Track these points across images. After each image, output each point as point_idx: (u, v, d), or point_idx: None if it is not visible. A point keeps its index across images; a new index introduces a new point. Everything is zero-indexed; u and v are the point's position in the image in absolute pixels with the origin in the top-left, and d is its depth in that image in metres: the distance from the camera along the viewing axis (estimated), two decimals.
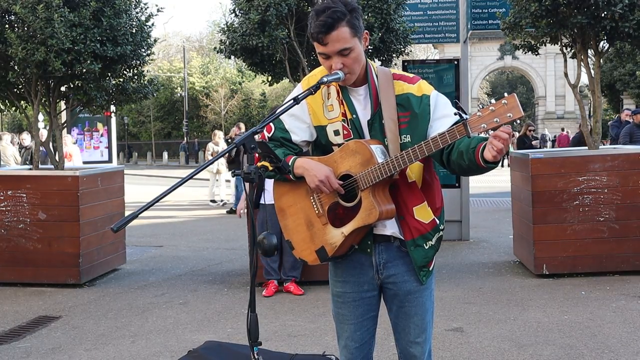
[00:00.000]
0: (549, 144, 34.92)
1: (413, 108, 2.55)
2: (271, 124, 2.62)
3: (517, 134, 16.14)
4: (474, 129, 2.21)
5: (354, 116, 2.57)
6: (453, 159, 2.44)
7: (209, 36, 57.95)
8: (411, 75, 2.65)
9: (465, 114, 2.21)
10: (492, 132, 2.23)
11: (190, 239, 10.67)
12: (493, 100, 2.19)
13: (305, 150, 2.73)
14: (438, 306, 5.68)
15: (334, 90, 2.59)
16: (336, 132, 2.59)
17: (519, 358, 4.59)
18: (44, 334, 5.51)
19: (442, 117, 2.52)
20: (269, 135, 2.64)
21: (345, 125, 2.57)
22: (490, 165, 2.29)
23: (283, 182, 2.66)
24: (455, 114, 2.24)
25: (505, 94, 2.20)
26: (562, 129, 35.24)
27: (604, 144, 15.36)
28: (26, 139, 14.41)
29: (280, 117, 2.57)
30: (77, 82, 7.55)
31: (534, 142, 15.18)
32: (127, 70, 7.85)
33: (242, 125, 15.04)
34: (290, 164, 2.56)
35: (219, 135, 15.53)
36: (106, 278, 7.67)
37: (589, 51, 7.66)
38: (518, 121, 2.22)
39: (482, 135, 2.28)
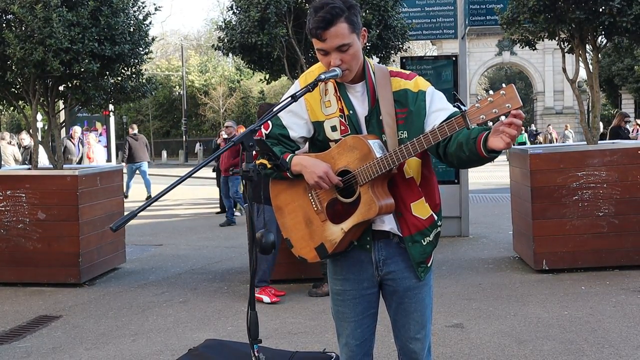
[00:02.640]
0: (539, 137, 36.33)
1: (409, 104, 2.55)
2: (269, 121, 2.62)
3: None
4: (472, 121, 2.20)
5: (351, 112, 2.57)
6: (451, 152, 2.44)
7: (206, 34, 57.84)
8: (407, 72, 2.66)
9: (464, 105, 2.21)
10: (490, 123, 2.22)
11: (189, 238, 10.68)
12: (491, 92, 2.17)
13: (303, 148, 2.72)
14: (438, 302, 5.69)
15: (331, 86, 2.59)
16: (333, 128, 2.59)
17: (519, 353, 4.60)
18: (44, 334, 5.51)
19: (438, 110, 2.52)
20: (267, 133, 2.64)
21: (343, 121, 2.58)
22: (493, 154, 2.28)
23: (280, 180, 2.66)
24: (454, 105, 2.24)
25: (503, 85, 2.19)
26: (549, 126, 36.32)
27: None
28: (25, 138, 14.41)
29: (278, 114, 2.58)
30: (75, 81, 7.54)
31: (631, 135, 12.44)
32: (126, 69, 7.84)
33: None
34: (287, 161, 2.56)
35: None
36: (106, 277, 7.67)
37: (587, 46, 7.65)
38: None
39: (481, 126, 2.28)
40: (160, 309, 6.19)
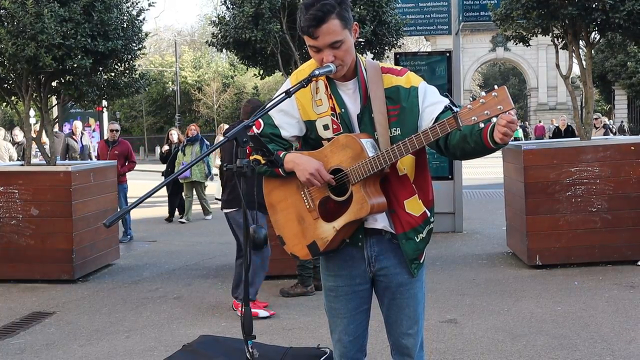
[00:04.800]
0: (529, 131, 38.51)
1: (402, 101, 2.54)
2: (260, 120, 2.61)
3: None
4: (464, 122, 2.21)
5: (343, 110, 2.56)
6: (453, 143, 2.43)
7: (200, 30, 57.67)
8: (399, 68, 2.65)
9: (456, 106, 2.22)
10: (482, 124, 2.23)
11: (183, 234, 10.66)
12: (483, 93, 2.17)
13: (295, 146, 2.72)
14: (432, 298, 5.70)
15: (322, 84, 2.58)
16: (325, 127, 2.59)
17: (512, 348, 4.62)
18: (38, 330, 5.50)
19: (432, 104, 2.52)
20: (258, 132, 2.63)
21: (335, 119, 2.57)
22: (499, 145, 2.28)
23: (273, 177, 2.65)
24: (446, 106, 2.24)
25: (496, 86, 2.19)
26: (539, 121, 37.74)
27: None
28: (18, 135, 14.32)
29: (269, 113, 2.56)
30: (68, 77, 7.52)
31: None
32: (119, 65, 7.82)
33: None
34: (280, 158, 2.55)
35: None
36: (100, 273, 7.66)
37: (580, 42, 7.67)
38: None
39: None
40: (154, 305, 6.19)
